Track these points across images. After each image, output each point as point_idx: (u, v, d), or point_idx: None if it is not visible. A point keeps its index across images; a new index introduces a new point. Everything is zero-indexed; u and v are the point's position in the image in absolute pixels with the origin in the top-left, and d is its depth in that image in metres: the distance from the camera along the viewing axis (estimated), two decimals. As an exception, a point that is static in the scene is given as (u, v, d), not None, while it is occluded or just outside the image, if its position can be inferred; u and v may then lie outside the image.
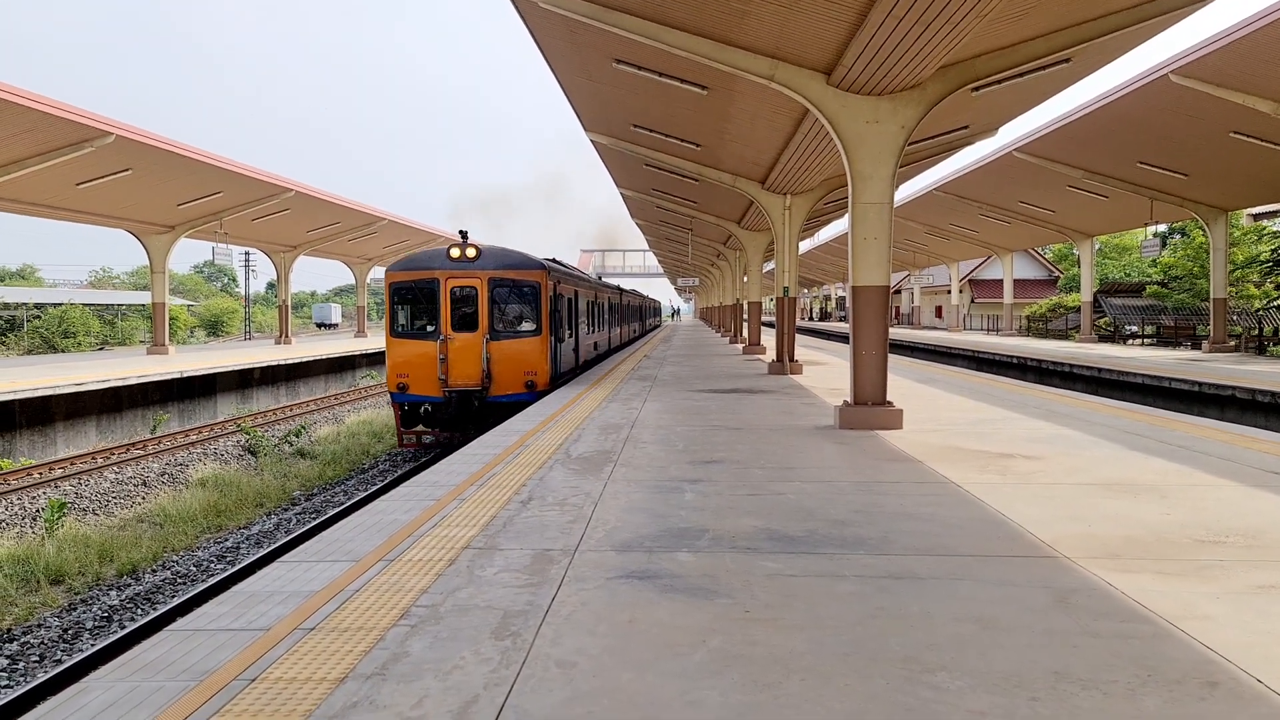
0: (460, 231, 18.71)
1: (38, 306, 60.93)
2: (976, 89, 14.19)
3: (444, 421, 18.31)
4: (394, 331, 18.57)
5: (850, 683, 4.25)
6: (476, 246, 18.44)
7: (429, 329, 18.43)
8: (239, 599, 5.58)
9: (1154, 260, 53.71)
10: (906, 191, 41.62)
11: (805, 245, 68.52)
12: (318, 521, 14.54)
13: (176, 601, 10.78)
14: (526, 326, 18.70)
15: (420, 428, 19.30)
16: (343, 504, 16.28)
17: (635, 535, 6.96)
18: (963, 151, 23.66)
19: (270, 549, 13.02)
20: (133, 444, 23.37)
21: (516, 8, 13.36)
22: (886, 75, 12.34)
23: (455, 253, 18.43)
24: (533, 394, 18.23)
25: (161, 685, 4.28)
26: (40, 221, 36.31)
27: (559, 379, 20.59)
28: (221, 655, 4.64)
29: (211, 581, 11.56)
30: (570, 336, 23.26)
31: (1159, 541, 6.74)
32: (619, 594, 5.56)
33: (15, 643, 9.88)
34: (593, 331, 29.57)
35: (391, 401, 18.72)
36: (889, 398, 13.19)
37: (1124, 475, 9.30)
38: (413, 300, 18.63)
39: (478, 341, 18.31)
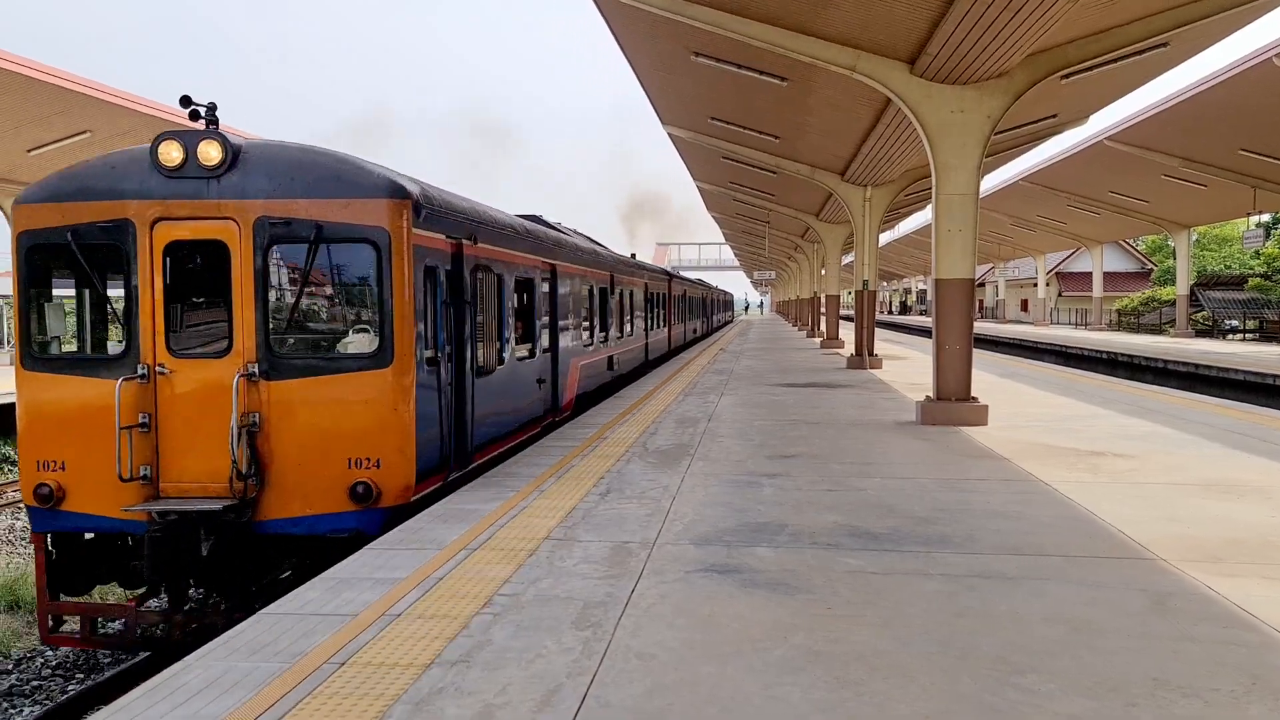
0: (183, 100, 7.90)
1: None
2: (1066, 76, 13.74)
3: (154, 571, 7.66)
4: (29, 357, 8.09)
5: (935, 682, 4.17)
6: (225, 141, 7.77)
7: (109, 347, 8.55)
8: (329, 584, 5.73)
9: (1257, 252, 51.36)
10: (991, 182, 40.59)
11: (885, 237, 67.44)
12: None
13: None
14: (357, 342, 8.07)
15: (94, 599, 9.36)
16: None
17: (714, 529, 6.94)
18: (1050, 141, 22.99)
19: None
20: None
21: (597, 4, 13.43)
22: (972, 64, 12.05)
23: (173, 155, 7.75)
24: (368, 515, 7.69)
25: (257, 666, 4.43)
26: None
27: (471, 459, 9.54)
28: (313, 639, 4.77)
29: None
30: (530, 354, 12.21)
31: (1264, 545, 6.45)
32: (698, 587, 5.56)
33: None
34: (598, 343, 17.18)
35: (32, 531, 8.48)
36: (973, 393, 12.91)
37: (1225, 475, 8.92)
38: (72, 275, 8.40)
39: (226, 378, 7.67)
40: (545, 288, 13.08)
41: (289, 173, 7.87)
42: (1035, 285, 65.01)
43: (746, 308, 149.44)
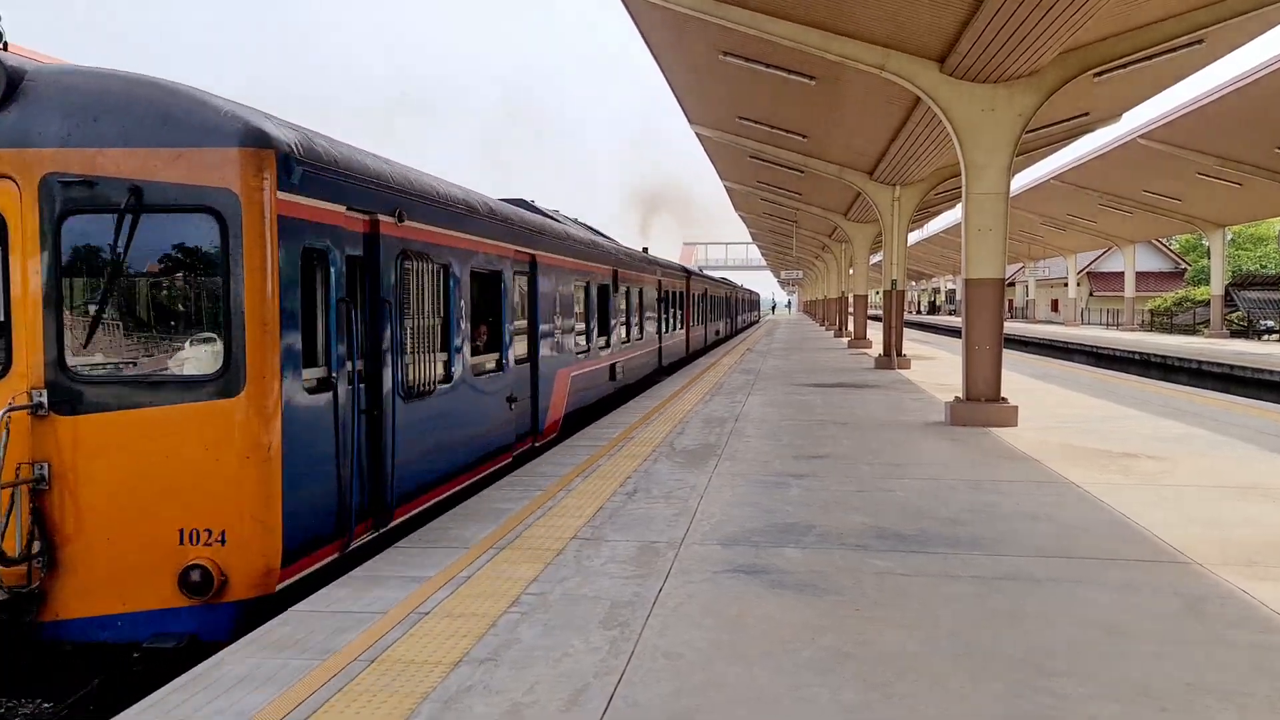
0: None
1: None
2: (1099, 74, 13.61)
3: None
4: None
5: (964, 685, 4.14)
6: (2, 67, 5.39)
7: None
8: (357, 583, 5.78)
9: (1293, 251, 50.55)
10: (1022, 181, 40.14)
11: (914, 237, 66.98)
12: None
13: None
14: (196, 359, 5.56)
15: None
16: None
17: (741, 529, 6.93)
18: (1082, 139, 22.73)
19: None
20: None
21: (625, 5, 13.45)
22: (1003, 62, 11.95)
23: None
24: (210, 613, 5.32)
25: (287, 662, 4.48)
26: None
27: (392, 514, 7.23)
28: (342, 637, 4.81)
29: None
30: (498, 366, 9.85)
31: (1300, 549, 6.35)
32: (725, 588, 5.55)
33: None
34: (595, 350, 14.74)
35: None
36: (1003, 394, 12.80)
37: (1261, 478, 8.78)
38: None
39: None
40: (522, 283, 10.76)
41: (95, 110, 5.44)
42: (1066, 285, 64.31)
43: (774, 307, 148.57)
